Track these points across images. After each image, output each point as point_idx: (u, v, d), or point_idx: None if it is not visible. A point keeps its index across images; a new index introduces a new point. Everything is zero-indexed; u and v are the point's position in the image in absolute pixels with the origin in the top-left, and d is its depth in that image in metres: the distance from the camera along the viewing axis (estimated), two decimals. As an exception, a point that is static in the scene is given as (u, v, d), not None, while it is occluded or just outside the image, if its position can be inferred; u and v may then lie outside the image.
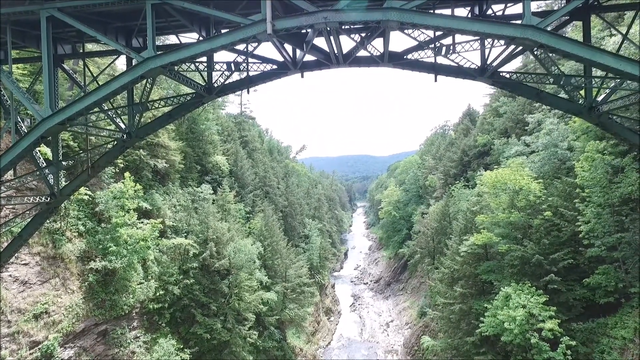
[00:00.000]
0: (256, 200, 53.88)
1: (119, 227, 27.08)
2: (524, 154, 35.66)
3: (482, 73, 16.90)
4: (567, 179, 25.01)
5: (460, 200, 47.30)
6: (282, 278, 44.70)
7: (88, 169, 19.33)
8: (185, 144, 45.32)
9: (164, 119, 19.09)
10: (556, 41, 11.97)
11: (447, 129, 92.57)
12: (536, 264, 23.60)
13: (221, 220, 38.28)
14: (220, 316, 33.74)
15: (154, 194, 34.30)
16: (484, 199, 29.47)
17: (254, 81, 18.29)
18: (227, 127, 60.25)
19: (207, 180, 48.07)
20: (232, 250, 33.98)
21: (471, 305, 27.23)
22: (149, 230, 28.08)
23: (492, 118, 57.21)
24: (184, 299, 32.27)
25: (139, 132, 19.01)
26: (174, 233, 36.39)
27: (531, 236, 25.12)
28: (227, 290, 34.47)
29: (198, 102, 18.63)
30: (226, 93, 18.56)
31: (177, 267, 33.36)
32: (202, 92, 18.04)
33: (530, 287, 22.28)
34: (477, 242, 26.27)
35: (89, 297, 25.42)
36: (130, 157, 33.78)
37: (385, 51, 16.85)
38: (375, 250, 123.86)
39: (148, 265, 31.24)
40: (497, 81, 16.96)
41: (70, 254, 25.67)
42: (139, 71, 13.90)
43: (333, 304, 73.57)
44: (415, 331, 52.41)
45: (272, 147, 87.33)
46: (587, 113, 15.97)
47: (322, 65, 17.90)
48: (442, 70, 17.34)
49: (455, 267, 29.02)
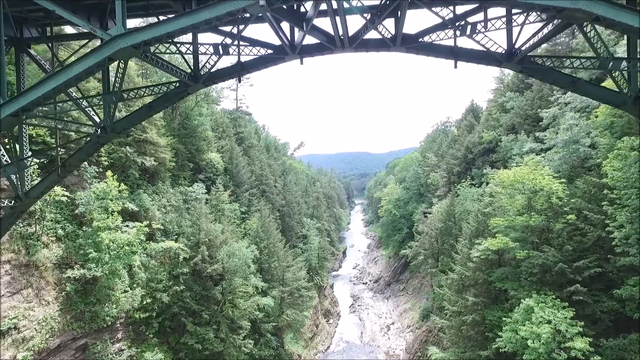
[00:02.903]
0: (252, 199, 51.55)
1: (100, 231, 24.75)
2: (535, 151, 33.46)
3: (509, 58, 14.63)
4: (592, 179, 22.80)
5: (466, 200, 45.13)
6: (280, 281, 42.49)
7: (58, 168, 17.00)
8: (177, 141, 42.94)
9: (143, 111, 16.73)
10: (616, 12, 9.70)
11: (449, 126, 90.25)
12: (559, 272, 21.44)
13: (214, 222, 35.98)
14: (212, 325, 31.52)
15: (141, 194, 31.97)
16: (497, 200, 27.27)
17: (246, 68, 15.96)
18: (222, 123, 57.79)
19: (201, 179, 45.73)
20: (225, 254, 31.68)
21: (484, 315, 25.09)
22: (134, 234, 25.75)
23: (498, 114, 54.98)
24: (173, 307, 30.01)
25: (116, 126, 16.68)
26: (164, 235, 34.10)
27: (552, 241, 22.95)
28: (220, 297, 32.23)
29: (183, 92, 16.28)
30: (215, 82, 16.25)
31: (167, 272, 31.11)
32: (187, 81, 15.70)
33: (554, 299, 20.11)
34: (491, 247, 24.08)
35: (67, 308, 23.12)
36: (116, 155, 31.44)
37: (398, 32, 14.53)
38: (374, 248, 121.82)
39: (134, 272, 29.00)
40: (527, 67, 14.68)
41: (46, 260, 23.36)
42: (106, 52, 11.58)
43: (332, 305, 71.48)
44: (418, 336, 50.35)
45: (269, 144, 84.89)
46: (632, 104, 13.75)
47: (324, 50, 15.59)
48: (463, 55, 15.06)
49: (467, 273, 26.84)
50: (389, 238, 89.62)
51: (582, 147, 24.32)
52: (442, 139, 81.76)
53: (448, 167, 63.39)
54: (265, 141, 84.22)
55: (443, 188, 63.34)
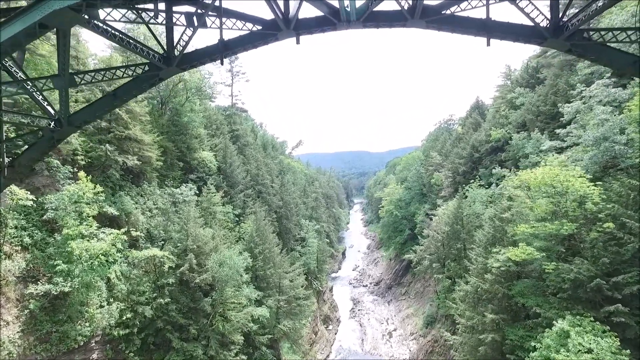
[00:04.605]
0: (247, 200, 48.60)
1: (71, 239, 21.86)
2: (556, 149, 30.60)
3: (556, 33, 11.79)
4: (631, 181, 19.96)
5: (475, 202, 42.30)
6: (276, 289, 39.61)
7: (3, 170, 14.10)
8: (166, 138, 40.03)
9: (106, 101, 13.86)
10: None
11: (452, 124, 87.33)
12: (594, 288, 18.63)
13: (205, 226, 33.08)
14: (201, 340, 28.63)
15: (122, 197, 29.05)
16: (518, 204, 24.42)
17: (230, 48, 13.08)
18: (215, 120, 54.79)
19: (192, 179, 42.81)
20: (214, 262, 28.78)
21: (504, 334, 22.27)
22: (109, 243, 22.84)
23: (507, 110, 52.12)
24: (157, 321, 27.16)
25: (73, 119, 13.80)
26: (149, 242, 31.22)
27: (584, 252, 20.12)
28: (210, 309, 29.36)
29: (154, 77, 13.40)
30: (193, 64, 13.35)
31: (151, 283, 28.19)
32: (157, 63, 12.83)
33: (592, 322, 17.30)
34: (514, 258, 21.24)
35: (30, 329, 20.21)
36: (95, 153, 28.51)
37: (418, 3, 11.72)
38: (374, 249, 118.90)
39: (114, 283, 26.07)
40: (578, 44, 11.84)
41: (8, 274, 20.44)
42: (36, 15, 8.69)
43: (331, 310, 68.64)
44: (423, 345, 47.59)
45: (266, 143, 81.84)
46: None
47: (325, 25, 12.71)
48: (497, 30, 12.21)
49: (484, 286, 23.98)
50: (390, 239, 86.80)
51: (617, 145, 21.50)
52: (446, 137, 78.84)
53: (453, 166, 60.53)
54: (262, 139, 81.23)
55: (448, 188, 60.48)
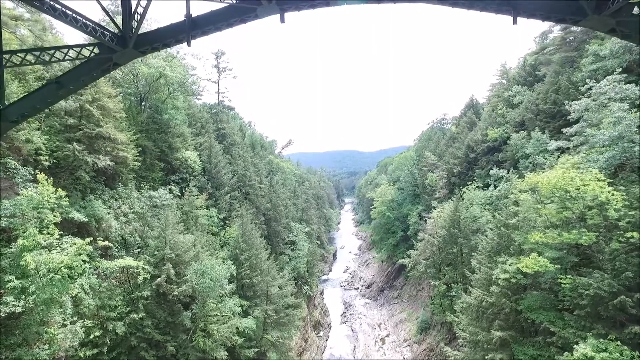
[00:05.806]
0: (234, 203, 46.07)
1: (27, 250, 19.20)
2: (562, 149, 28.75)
3: (598, 9, 9.63)
4: (655, 186, 18.12)
5: (472, 204, 40.40)
6: (264, 297, 37.22)
7: None
8: (145, 137, 37.35)
9: (48, 90, 11.36)
10: None
11: (446, 123, 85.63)
12: (617, 306, 16.64)
13: (185, 232, 30.57)
14: (180, 358, 26.18)
15: (93, 201, 26.41)
16: (525, 210, 22.41)
17: (200, 25, 10.67)
18: (200, 118, 52.11)
19: (175, 180, 40.22)
20: (194, 272, 26.32)
21: (513, 353, 20.23)
22: (72, 254, 20.22)
23: (503, 109, 50.38)
24: (131, 339, 24.64)
25: (8, 112, 11.32)
26: (124, 250, 28.61)
27: (602, 265, 18.15)
28: (189, 324, 26.88)
29: (107, 60, 10.94)
30: (154, 46, 10.93)
31: (124, 295, 25.64)
32: (110, 44, 10.40)
33: (619, 346, 15.30)
34: (525, 270, 19.18)
35: (-25, 356, 17.60)
36: (61, 153, 25.81)
37: (429, -31, 9.48)
38: (366, 250, 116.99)
39: (80, 298, 23.43)
40: (626, 22, 9.70)
41: (-49, 292, 17.78)
42: None
43: (322, 315, 66.43)
44: (418, 355, 45.60)
45: (254, 142, 79.21)
46: None
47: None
48: (525, 6, 10.02)
49: (489, 299, 21.91)
50: (382, 241, 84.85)
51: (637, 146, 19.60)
52: (440, 136, 77.09)
53: (448, 166, 58.72)
54: (250, 138, 78.61)
55: (443, 190, 58.63)
